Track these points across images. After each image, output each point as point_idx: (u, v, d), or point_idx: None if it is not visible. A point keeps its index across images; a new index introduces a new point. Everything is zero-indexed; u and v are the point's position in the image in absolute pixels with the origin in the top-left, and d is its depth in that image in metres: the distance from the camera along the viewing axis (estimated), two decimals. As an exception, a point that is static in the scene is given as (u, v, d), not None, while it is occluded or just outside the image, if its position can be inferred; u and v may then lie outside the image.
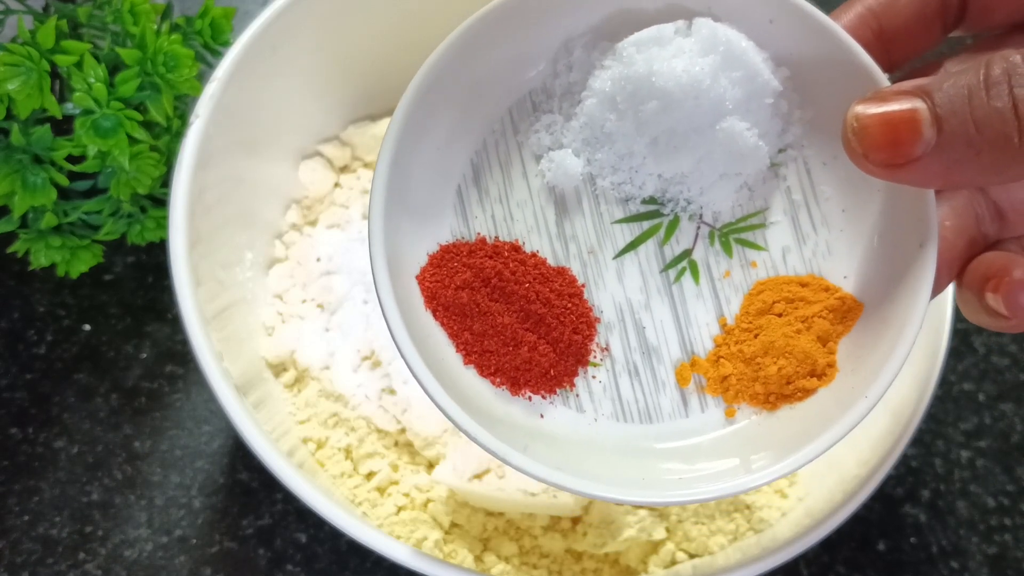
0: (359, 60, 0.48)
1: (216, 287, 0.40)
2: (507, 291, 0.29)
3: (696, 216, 0.30)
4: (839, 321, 0.29)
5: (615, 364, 0.30)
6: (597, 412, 0.29)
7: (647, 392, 0.30)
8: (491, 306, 0.29)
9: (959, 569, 0.44)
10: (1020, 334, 0.50)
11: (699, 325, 0.30)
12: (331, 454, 0.41)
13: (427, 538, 0.38)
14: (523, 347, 0.29)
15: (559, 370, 0.29)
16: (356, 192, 0.48)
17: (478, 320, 0.29)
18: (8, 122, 0.40)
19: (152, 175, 0.42)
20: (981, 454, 0.47)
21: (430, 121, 0.29)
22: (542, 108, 0.31)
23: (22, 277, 0.49)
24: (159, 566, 0.42)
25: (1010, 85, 0.22)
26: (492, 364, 0.29)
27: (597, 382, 0.29)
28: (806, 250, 0.30)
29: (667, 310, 0.30)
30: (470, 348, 0.29)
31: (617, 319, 0.30)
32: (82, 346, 0.47)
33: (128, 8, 0.41)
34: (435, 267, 0.29)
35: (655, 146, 0.29)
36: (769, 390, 0.29)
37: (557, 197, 0.30)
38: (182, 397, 0.46)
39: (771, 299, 0.29)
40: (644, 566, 0.39)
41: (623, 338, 0.30)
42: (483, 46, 0.29)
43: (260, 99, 0.43)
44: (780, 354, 0.28)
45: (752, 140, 0.28)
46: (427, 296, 0.29)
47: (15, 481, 0.44)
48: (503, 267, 0.29)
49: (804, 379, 0.28)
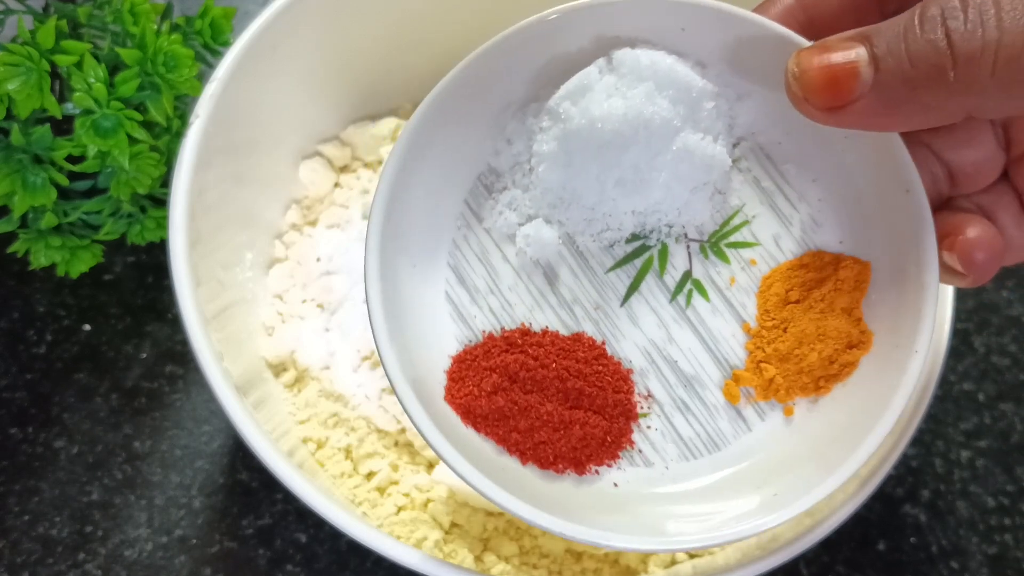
0: (359, 60, 0.48)
1: (216, 287, 0.40)
2: (537, 378, 0.28)
3: (682, 237, 0.30)
4: (854, 287, 0.29)
5: (663, 407, 0.30)
6: (665, 459, 0.29)
7: (704, 422, 0.30)
8: (529, 399, 0.28)
9: (959, 569, 0.44)
10: (1022, 336, 0.50)
11: (726, 339, 0.30)
12: (331, 454, 0.41)
13: (427, 538, 0.38)
14: (575, 426, 0.28)
15: (614, 434, 0.29)
16: (356, 192, 0.48)
17: (522, 418, 0.28)
18: (8, 122, 0.40)
19: (152, 175, 0.42)
20: (981, 454, 0.47)
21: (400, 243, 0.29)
22: (496, 188, 0.31)
23: (22, 277, 0.49)
24: (159, 566, 0.42)
25: (943, 19, 0.22)
26: (550, 454, 0.28)
27: (654, 431, 0.29)
28: (795, 230, 0.30)
29: (691, 336, 0.30)
30: (523, 447, 0.28)
31: (648, 363, 0.30)
32: (82, 346, 0.47)
33: (128, 8, 0.41)
34: (457, 381, 0.29)
35: (622, 186, 0.28)
36: (816, 376, 0.29)
37: (544, 268, 0.30)
38: (182, 397, 0.46)
39: (783, 289, 0.29)
40: (644, 566, 0.39)
41: (661, 379, 0.30)
42: (422, 155, 0.29)
43: (260, 99, 0.43)
44: (815, 339, 0.28)
45: (709, 147, 0.28)
46: (462, 414, 0.28)
47: (15, 481, 0.44)
48: (523, 356, 0.29)
49: (845, 354, 0.28)
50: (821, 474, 0.27)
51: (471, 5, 0.48)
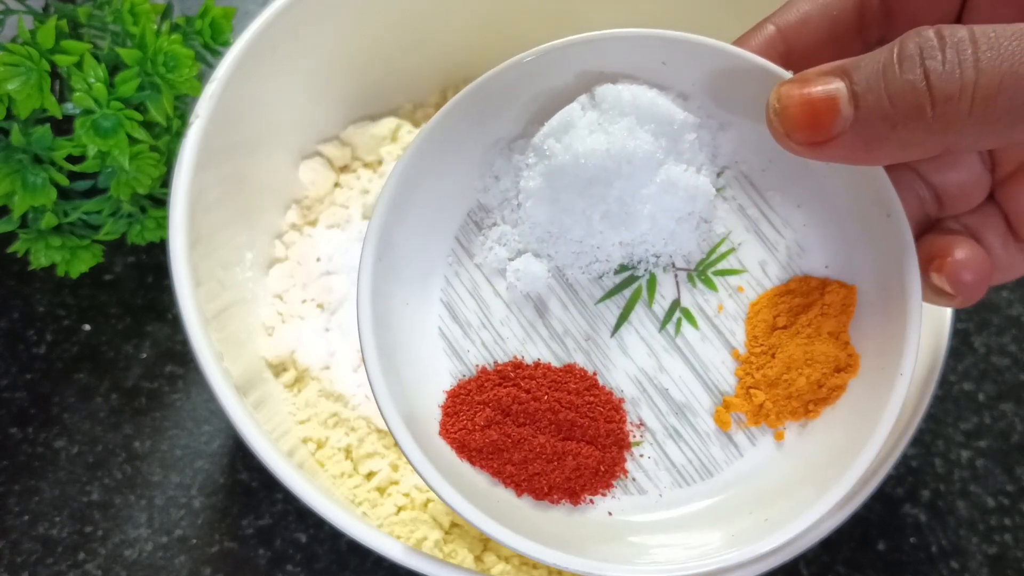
0: (359, 60, 0.48)
1: (216, 287, 0.40)
2: (530, 411, 0.29)
3: (669, 266, 0.30)
4: (841, 311, 0.29)
5: (655, 435, 0.30)
6: (659, 487, 0.30)
7: (696, 449, 0.30)
8: (522, 431, 0.29)
9: (959, 569, 0.44)
10: (1022, 336, 0.50)
11: (716, 366, 0.30)
12: (331, 454, 0.41)
13: (427, 538, 0.38)
14: (568, 457, 0.29)
15: (607, 464, 0.29)
16: (356, 192, 0.48)
17: (516, 451, 0.29)
18: (8, 122, 0.41)
19: (152, 175, 0.42)
20: (981, 454, 0.47)
21: (392, 281, 0.30)
22: (485, 224, 0.31)
23: (22, 277, 0.49)
24: (159, 566, 0.42)
25: (922, 58, 0.22)
26: (544, 485, 0.29)
27: (647, 459, 0.30)
28: (780, 256, 0.30)
29: (681, 364, 0.30)
30: (518, 480, 0.29)
31: (639, 392, 0.30)
32: (82, 346, 0.47)
33: (128, 8, 0.41)
34: (451, 416, 0.29)
35: (609, 219, 0.29)
36: (805, 400, 0.29)
37: (535, 301, 0.30)
38: (182, 397, 0.46)
39: (771, 315, 0.30)
40: (644, 566, 0.39)
41: (652, 407, 0.30)
42: (412, 194, 0.30)
43: (260, 99, 0.43)
44: (803, 364, 0.29)
45: (692, 178, 0.29)
46: (457, 448, 0.29)
47: (15, 481, 0.44)
48: (516, 389, 0.29)
49: (833, 378, 0.29)
50: (813, 496, 0.28)
51: (471, 6, 0.48)
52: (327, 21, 0.44)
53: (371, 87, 0.49)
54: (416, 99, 0.51)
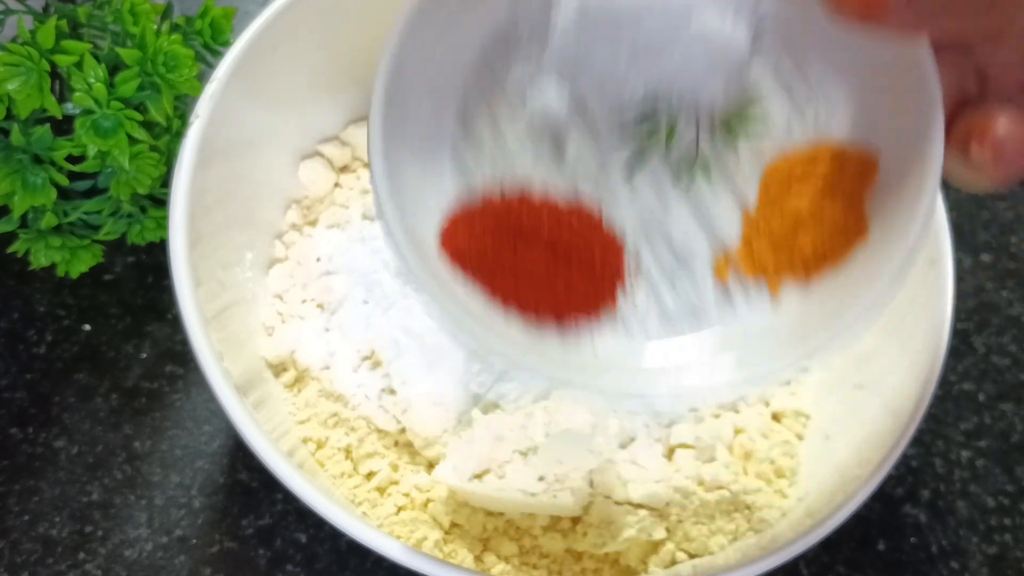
0: (359, 60, 0.48)
1: (216, 287, 0.40)
2: (530, 237, 0.29)
3: (692, 115, 0.29)
4: (859, 178, 0.28)
5: (652, 279, 0.29)
6: (647, 330, 0.29)
7: (690, 296, 0.29)
8: (520, 251, 0.29)
9: (959, 569, 0.44)
10: (1022, 335, 0.50)
11: (723, 219, 0.29)
12: (331, 454, 0.41)
13: (427, 538, 0.38)
14: (559, 280, 0.29)
15: (598, 295, 0.29)
16: (356, 192, 0.48)
17: (511, 267, 0.29)
18: (8, 122, 0.41)
19: (152, 175, 0.42)
20: (981, 454, 0.47)
21: (408, 93, 0.29)
22: (512, 47, 0.30)
23: (22, 277, 0.49)
24: (159, 566, 0.42)
25: None
26: (533, 302, 0.29)
27: (638, 300, 0.29)
28: (808, 118, 0.29)
29: (688, 213, 0.29)
30: (508, 294, 0.29)
31: (642, 235, 0.29)
32: (82, 346, 0.47)
33: (128, 8, 0.41)
34: (452, 232, 0.29)
35: (635, 60, 0.28)
36: (808, 260, 0.28)
37: (552, 132, 0.29)
38: (182, 397, 0.46)
39: (787, 175, 0.29)
40: (644, 566, 0.39)
41: (652, 252, 0.29)
42: (441, 3, 0.28)
43: (260, 99, 0.43)
44: (811, 225, 0.28)
45: (728, 29, 0.27)
46: (458, 259, 0.29)
47: (15, 481, 0.44)
48: (520, 215, 0.29)
49: (839, 240, 0.28)
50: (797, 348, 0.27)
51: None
52: (327, 21, 0.44)
53: (371, 87, 0.49)
54: (416, 99, 0.51)
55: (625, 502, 0.40)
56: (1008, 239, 0.53)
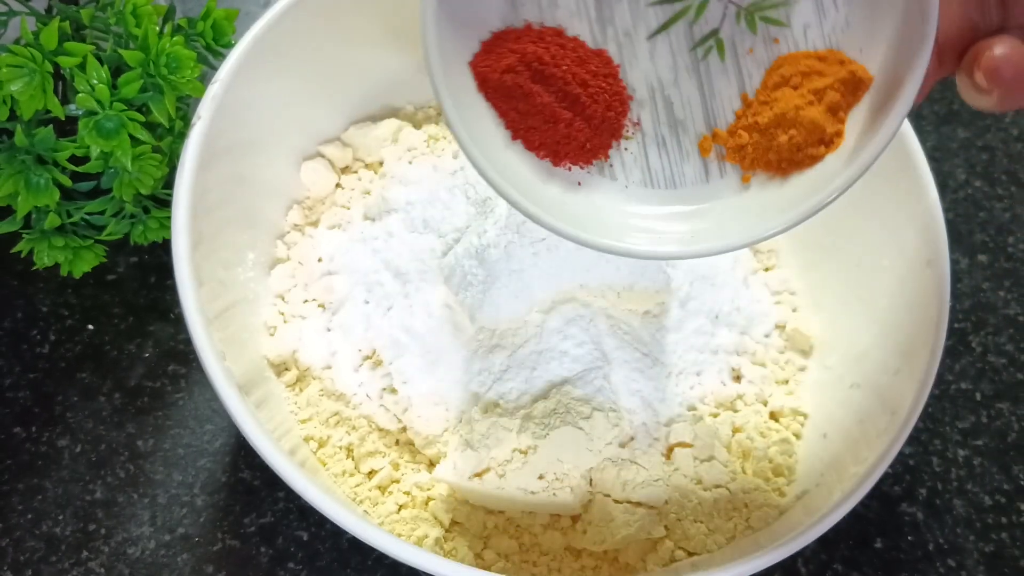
0: (360, 61, 0.48)
1: (218, 287, 0.40)
2: (546, 74, 0.31)
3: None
4: (850, 93, 0.31)
5: (645, 137, 0.33)
6: (628, 179, 0.33)
7: (672, 161, 0.33)
8: (532, 88, 0.31)
9: (956, 567, 0.44)
10: (1019, 335, 0.50)
11: (723, 99, 0.32)
12: (332, 453, 0.41)
13: (428, 536, 0.39)
14: (560, 124, 0.32)
15: (594, 143, 0.32)
16: (357, 193, 0.48)
17: (522, 101, 0.31)
18: (12, 123, 0.41)
19: (155, 176, 0.43)
20: (978, 453, 0.47)
21: None
22: None
23: (25, 277, 0.49)
24: (162, 564, 0.43)
25: None
26: (536, 139, 0.32)
27: (628, 153, 0.33)
28: (826, 25, 0.31)
29: (694, 86, 0.32)
30: (516, 125, 0.32)
31: (648, 96, 0.32)
32: (85, 345, 0.48)
33: (131, 10, 0.41)
34: (486, 53, 0.32)
35: None
36: (781, 157, 0.31)
37: None
38: (184, 396, 0.47)
39: (789, 73, 0.31)
40: (643, 564, 0.40)
41: (653, 113, 0.33)
42: None
43: (262, 100, 0.43)
44: (791, 125, 0.31)
45: None
46: (479, 80, 0.32)
47: (19, 480, 0.44)
48: (544, 51, 0.31)
49: (813, 147, 0.31)
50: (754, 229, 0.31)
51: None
52: (329, 23, 0.45)
53: (372, 88, 0.49)
54: (417, 101, 0.52)
55: (624, 500, 0.40)
56: (1005, 240, 0.54)
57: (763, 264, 0.49)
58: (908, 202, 0.41)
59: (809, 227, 0.31)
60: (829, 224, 0.46)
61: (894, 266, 0.42)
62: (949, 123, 0.58)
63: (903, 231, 0.42)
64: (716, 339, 0.45)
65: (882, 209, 0.43)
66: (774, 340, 0.47)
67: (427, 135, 0.49)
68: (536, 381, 0.41)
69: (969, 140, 0.57)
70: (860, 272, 0.45)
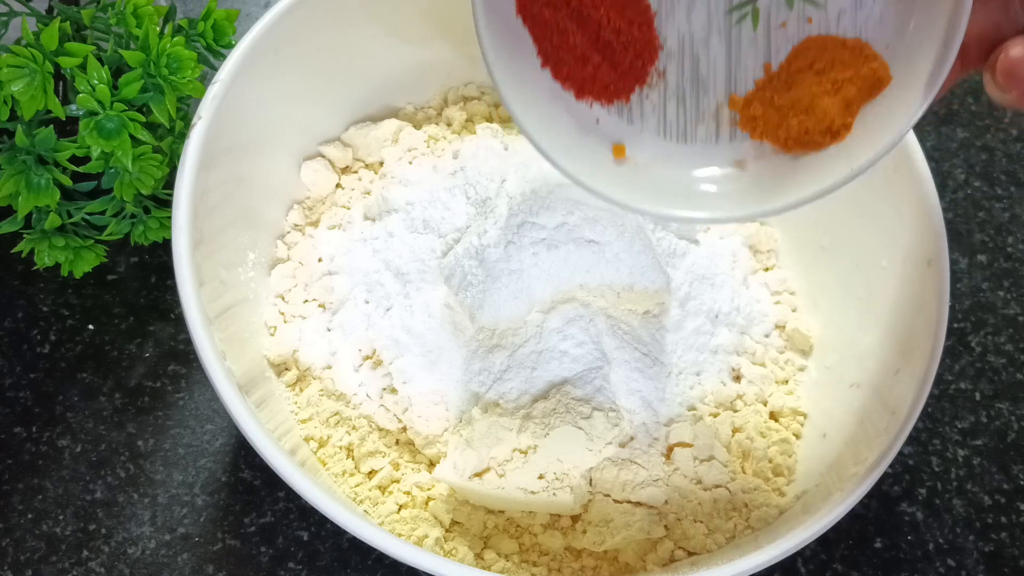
0: (360, 62, 0.48)
1: (219, 287, 0.40)
2: (584, 15, 0.32)
3: None
4: (867, 89, 0.31)
5: (667, 89, 0.33)
6: (643, 125, 0.34)
7: (688, 117, 0.34)
8: (568, 25, 0.32)
9: (955, 567, 0.44)
10: (1018, 335, 0.50)
11: (746, 67, 0.33)
12: (333, 453, 0.41)
13: (428, 536, 0.39)
14: (588, 65, 0.33)
15: (618, 86, 0.33)
16: (357, 193, 0.48)
17: (556, 35, 0.32)
18: (12, 123, 0.41)
19: (155, 176, 0.43)
20: (977, 453, 0.47)
21: None
22: None
23: (26, 277, 0.49)
24: (162, 563, 0.43)
25: None
26: (564, 71, 0.33)
27: (648, 101, 0.34)
28: (860, 16, 0.32)
29: (723, 49, 0.33)
30: (548, 54, 0.33)
31: (678, 49, 0.33)
32: (86, 345, 0.48)
33: (131, 10, 0.41)
34: None
35: None
36: (789, 136, 0.32)
37: None
38: (185, 396, 0.47)
39: (814, 56, 0.32)
40: (643, 564, 0.40)
41: (679, 67, 0.33)
42: None
43: (262, 101, 0.43)
44: (803, 110, 0.32)
45: None
46: (520, 5, 0.32)
47: (19, 479, 0.44)
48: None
49: (819, 135, 0.32)
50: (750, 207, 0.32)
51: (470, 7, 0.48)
52: (329, 23, 0.45)
53: (372, 89, 0.50)
54: (417, 101, 0.52)
55: (624, 500, 0.40)
56: (1004, 240, 0.54)
57: (762, 264, 0.49)
58: (907, 202, 0.41)
59: (809, 227, 0.31)
60: (828, 224, 0.46)
61: (894, 266, 0.42)
62: (948, 123, 0.58)
63: (903, 231, 0.42)
64: (716, 339, 0.45)
65: (882, 209, 0.43)
66: (774, 340, 0.47)
67: (427, 135, 0.49)
68: (536, 381, 0.41)
69: (968, 140, 0.57)
70: (859, 272, 0.45)
